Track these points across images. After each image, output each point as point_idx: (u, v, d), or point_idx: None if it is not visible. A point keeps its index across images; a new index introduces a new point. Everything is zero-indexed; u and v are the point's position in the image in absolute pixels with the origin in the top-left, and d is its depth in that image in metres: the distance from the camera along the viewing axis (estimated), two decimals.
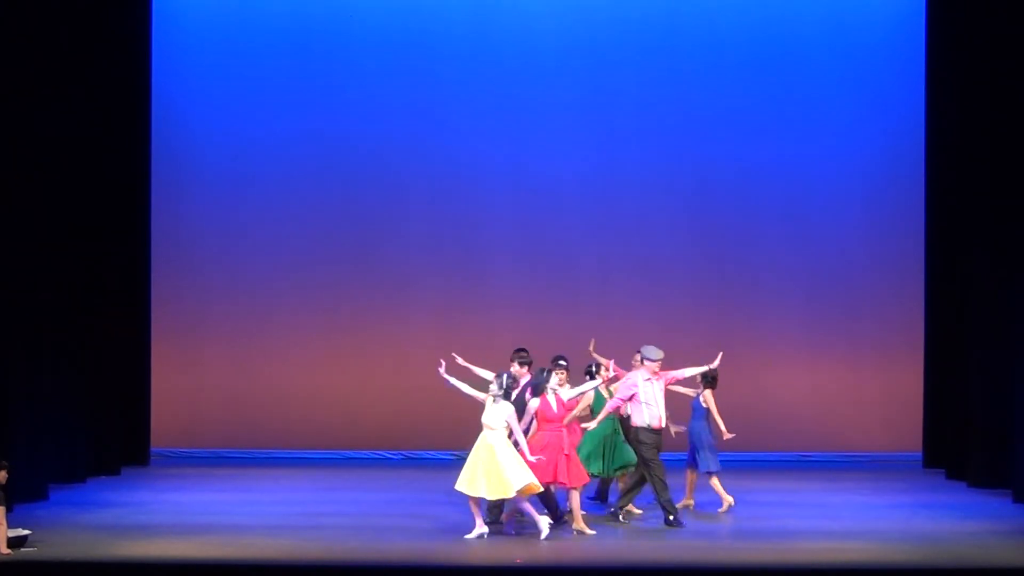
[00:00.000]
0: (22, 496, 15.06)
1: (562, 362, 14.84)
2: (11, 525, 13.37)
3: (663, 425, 14.92)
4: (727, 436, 15.65)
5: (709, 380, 15.86)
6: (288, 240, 20.45)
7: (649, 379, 14.81)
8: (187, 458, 20.05)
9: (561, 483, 14.35)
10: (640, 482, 14.98)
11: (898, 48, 20.17)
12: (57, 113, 17.17)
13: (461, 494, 14.17)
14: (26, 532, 13.59)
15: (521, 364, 14.96)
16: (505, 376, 14.25)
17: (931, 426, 19.58)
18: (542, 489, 14.08)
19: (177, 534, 14.36)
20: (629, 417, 15.06)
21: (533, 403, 14.36)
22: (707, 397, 15.93)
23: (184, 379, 20.22)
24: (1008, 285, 17.22)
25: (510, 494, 13.97)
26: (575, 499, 14.32)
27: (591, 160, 20.47)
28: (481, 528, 14.07)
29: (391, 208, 20.46)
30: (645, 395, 14.78)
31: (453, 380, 14.35)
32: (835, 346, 20.01)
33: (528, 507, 14.14)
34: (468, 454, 14.32)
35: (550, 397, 14.36)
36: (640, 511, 15.31)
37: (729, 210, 20.40)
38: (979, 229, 17.96)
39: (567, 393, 14.59)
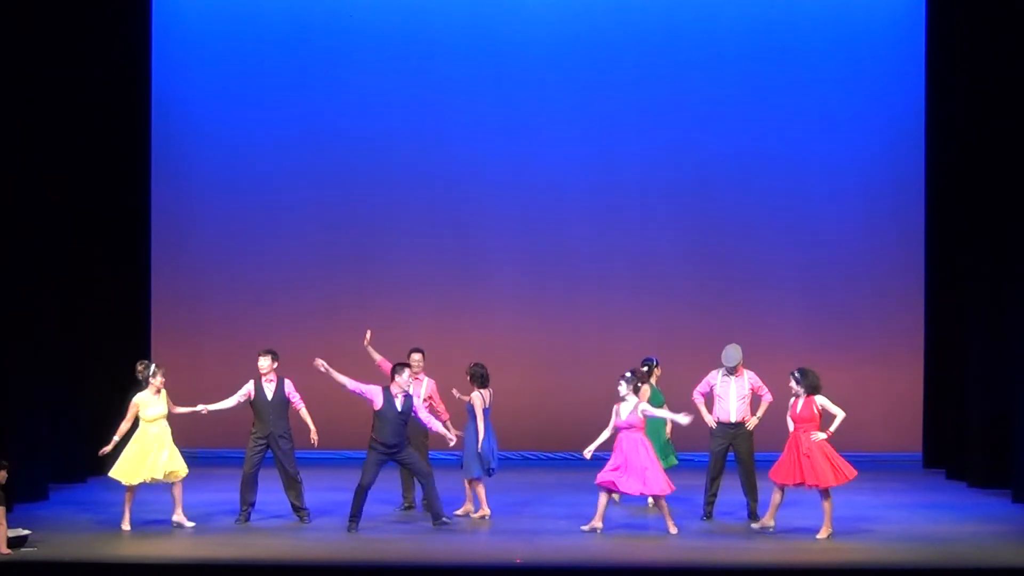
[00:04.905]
0: (22, 496, 15.07)
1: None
2: (11, 525, 13.38)
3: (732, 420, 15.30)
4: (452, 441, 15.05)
5: (478, 379, 15.36)
6: (288, 239, 20.50)
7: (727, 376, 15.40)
8: (187, 458, 20.01)
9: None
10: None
11: (898, 46, 20.17)
12: (56, 112, 17.17)
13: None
14: (26, 532, 13.59)
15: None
16: (146, 366, 15.10)
17: (931, 426, 19.59)
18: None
19: (177, 534, 14.36)
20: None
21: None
22: (474, 399, 15.41)
23: (183, 378, 20.15)
24: (1008, 285, 17.22)
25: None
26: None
27: (590, 157, 20.48)
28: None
29: (391, 206, 20.49)
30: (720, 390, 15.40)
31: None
32: (835, 346, 19.99)
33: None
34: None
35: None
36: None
37: (729, 209, 20.41)
38: (979, 228, 17.96)
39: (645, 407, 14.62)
